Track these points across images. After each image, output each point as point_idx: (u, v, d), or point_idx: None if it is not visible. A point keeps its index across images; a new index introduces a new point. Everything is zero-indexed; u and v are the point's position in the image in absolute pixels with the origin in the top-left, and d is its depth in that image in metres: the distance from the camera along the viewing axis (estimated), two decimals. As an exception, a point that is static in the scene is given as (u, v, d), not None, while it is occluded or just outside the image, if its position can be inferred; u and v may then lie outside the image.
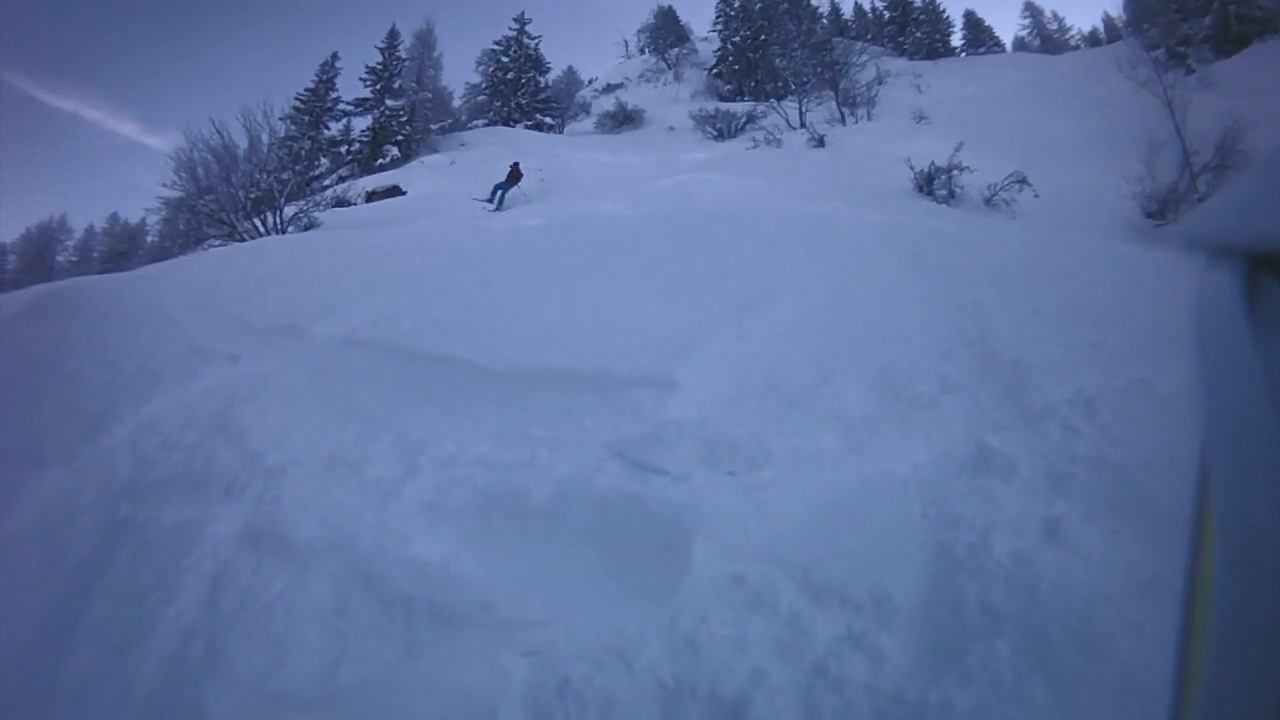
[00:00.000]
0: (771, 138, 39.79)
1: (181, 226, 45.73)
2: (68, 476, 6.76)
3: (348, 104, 64.30)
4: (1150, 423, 5.05)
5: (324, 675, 4.08)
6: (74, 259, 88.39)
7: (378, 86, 63.83)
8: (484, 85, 72.41)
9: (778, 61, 57.06)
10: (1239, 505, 0.51)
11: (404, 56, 66.11)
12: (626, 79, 79.01)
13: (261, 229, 27.16)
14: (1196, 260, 0.64)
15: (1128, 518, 4.09)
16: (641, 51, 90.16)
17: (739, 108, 51.88)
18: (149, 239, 79.92)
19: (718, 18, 73.48)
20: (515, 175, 31.71)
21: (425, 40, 67.60)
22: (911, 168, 24.12)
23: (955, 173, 23.62)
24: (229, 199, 27.79)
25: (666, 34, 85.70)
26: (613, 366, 6.91)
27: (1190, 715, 0.54)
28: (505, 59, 70.08)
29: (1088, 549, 3.99)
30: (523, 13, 70.36)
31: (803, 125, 42.93)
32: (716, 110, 50.65)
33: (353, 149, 62.06)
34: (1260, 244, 0.58)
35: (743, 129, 46.69)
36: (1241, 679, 0.48)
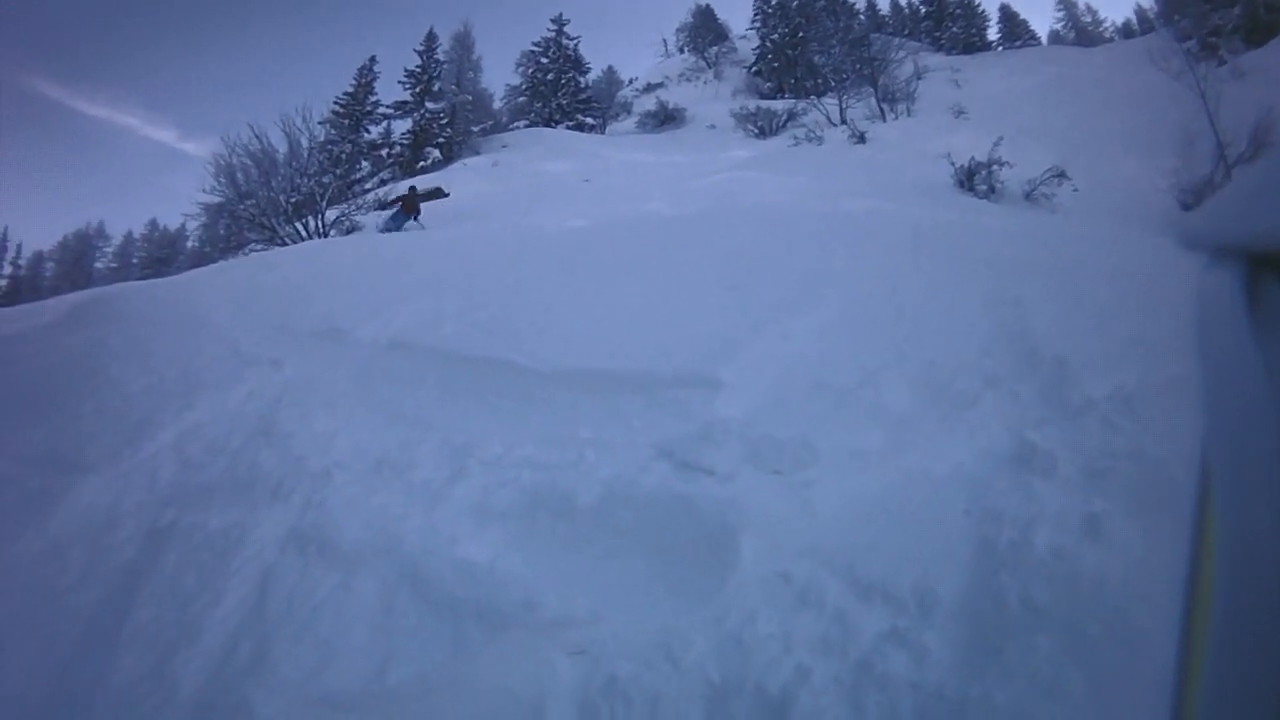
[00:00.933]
0: (812, 135, 39.65)
1: (222, 231, 45.93)
2: (111, 482, 6.84)
3: (387, 107, 64.32)
4: (1189, 418, 5.00)
5: (372, 676, 4.14)
6: (113, 265, 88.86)
7: (417, 89, 63.86)
8: (524, 86, 72.26)
9: (816, 58, 56.75)
10: (1239, 505, 0.54)
11: (442, 59, 65.89)
12: (666, 78, 79.02)
13: (303, 233, 27.29)
14: (1197, 260, 0.66)
15: (1167, 514, 4.05)
16: (681, 50, 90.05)
17: (779, 105, 51.68)
18: (189, 244, 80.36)
19: (755, 15, 73.27)
20: (410, 207, 25.55)
21: (463, 42, 67.42)
22: (952, 163, 23.99)
23: (995, 168, 23.47)
24: (269, 203, 27.90)
25: (705, 33, 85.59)
26: (658, 367, 6.93)
27: (1191, 715, 0.56)
28: (544, 60, 69.98)
29: (1127, 545, 3.97)
30: (560, 14, 70.09)
31: (843, 122, 42.82)
32: (757, 108, 50.44)
33: (393, 152, 62.16)
34: (1260, 244, 0.60)
35: (784, 126, 46.57)
36: (1241, 679, 0.51)
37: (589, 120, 67.05)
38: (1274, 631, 0.48)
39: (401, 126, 63.88)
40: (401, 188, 30.85)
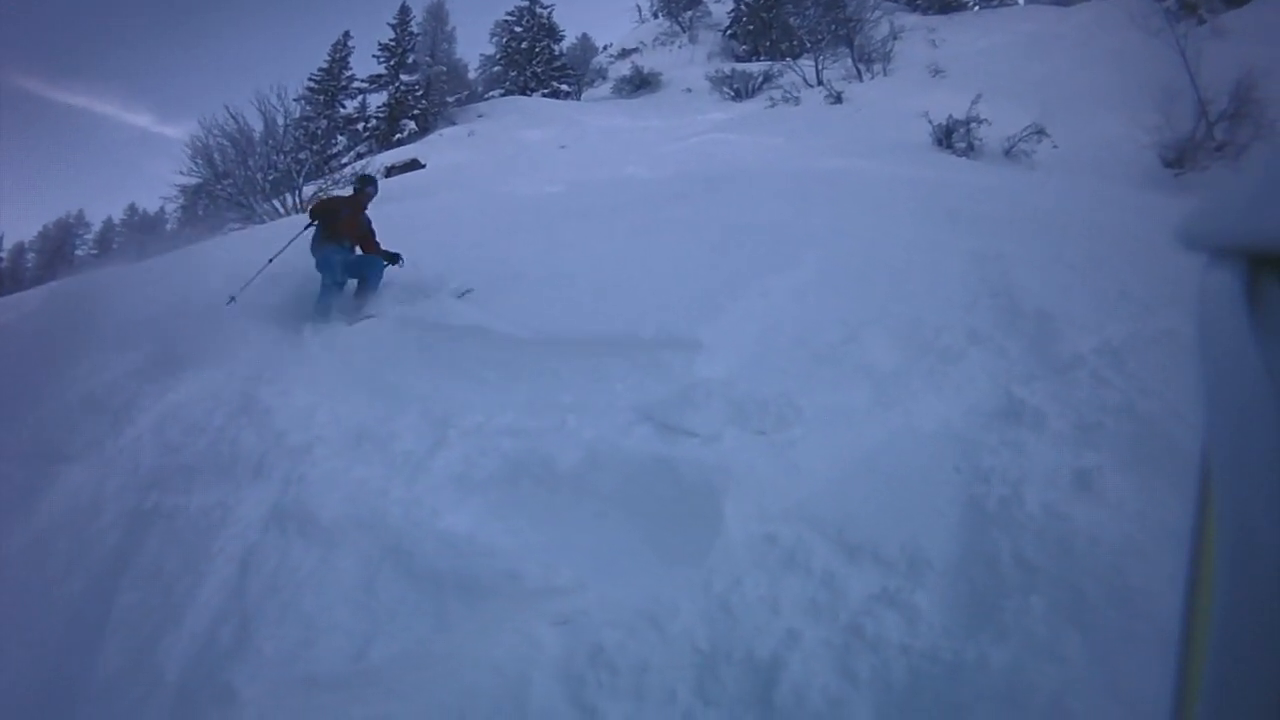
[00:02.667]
0: (789, 96, 39.58)
1: (200, 212, 45.87)
2: (93, 469, 6.79)
3: (362, 81, 64.17)
4: (1179, 372, 5.00)
5: (355, 654, 4.10)
6: (94, 252, 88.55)
7: (391, 62, 63.73)
8: (498, 56, 72.19)
9: (792, 20, 56.68)
10: (1239, 505, 0.52)
11: (416, 31, 65.79)
12: (641, 44, 78.84)
13: (281, 210, 27.29)
14: (1197, 260, 0.64)
15: (1159, 468, 4.05)
16: (655, 16, 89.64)
17: (755, 68, 51.63)
18: (168, 227, 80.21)
19: (729, -21, 73.10)
20: (348, 222, 10.27)
21: (437, 14, 67.22)
22: (930, 121, 23.98)
23: (973, 125, 23.49)
24: (246, 182, 27.95)
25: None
26: (639, 329, 6.93)
27: (1191, 716, 0.54)
28: (518, 29, 69.84)
29: (1120, 501, 3.96)
30: (534, -18, 70.01)
31: (820, 83, 42.72)
32: (733, 71, 50.41)
33: (369, 125, 62.09)
34: (1261, 244, 0.58)
35: (760, 88, 46.45)
36: (1242, 679, 0.49)
37: (564, 87, 67.08)
38: (1274, 632, 0.46)
39: (377, 100, 63.81)
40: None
